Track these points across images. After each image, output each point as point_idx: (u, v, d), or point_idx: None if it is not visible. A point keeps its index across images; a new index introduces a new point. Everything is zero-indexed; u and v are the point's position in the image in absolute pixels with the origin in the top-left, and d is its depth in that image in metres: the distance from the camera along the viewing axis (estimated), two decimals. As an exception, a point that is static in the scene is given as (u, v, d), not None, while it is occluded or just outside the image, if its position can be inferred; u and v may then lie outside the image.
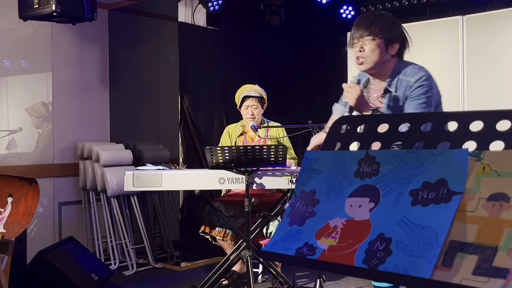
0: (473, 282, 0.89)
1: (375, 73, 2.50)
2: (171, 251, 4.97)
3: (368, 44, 2.41)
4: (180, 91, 4.76)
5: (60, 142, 4.90)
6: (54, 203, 4.84)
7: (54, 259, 3.58)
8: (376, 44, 2.41)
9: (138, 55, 5.58)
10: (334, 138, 1.29)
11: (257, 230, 3.80)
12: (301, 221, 1.18)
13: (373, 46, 2.41)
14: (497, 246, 0.91)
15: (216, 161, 3.49)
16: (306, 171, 1.27)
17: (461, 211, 0.98)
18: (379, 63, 2.44)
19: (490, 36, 4.25)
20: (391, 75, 2.46)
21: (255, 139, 4.14)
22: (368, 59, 2.42)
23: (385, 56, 2.43)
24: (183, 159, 4.74)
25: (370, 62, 2.42)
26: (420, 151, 1.10)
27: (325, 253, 1.08)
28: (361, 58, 2.43)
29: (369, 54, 2.41)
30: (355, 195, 1.14)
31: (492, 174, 0.99)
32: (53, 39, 4.85)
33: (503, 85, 4.20)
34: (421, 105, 2.35)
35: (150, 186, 3.58)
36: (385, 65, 2.46)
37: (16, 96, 4.70)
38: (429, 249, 0.96)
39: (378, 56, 2.42)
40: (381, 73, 2.48)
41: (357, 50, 2.44)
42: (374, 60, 2.42)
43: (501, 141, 1.03)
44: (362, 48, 2.42)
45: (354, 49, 2.47)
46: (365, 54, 2.42)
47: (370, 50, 2.41)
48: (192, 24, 4.89)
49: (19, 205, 2.49)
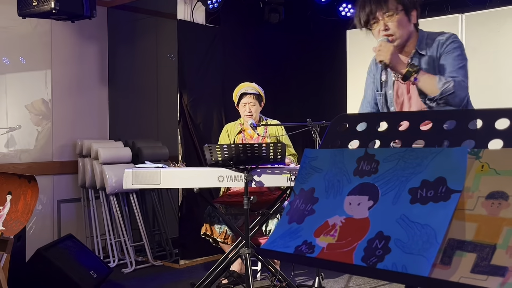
0: (472, 280, 0.89)
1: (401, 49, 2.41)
2: (170, 249, 4.98)
3: (390, 21, 2.33)
4: (179, 89, 4.75)
5: (59, 140, 4.90)
6: (53, 200, 4.84)
7: (53, 257, 3.58)
8: (398, 19, 2.33)
9: (137, 52, 5.58)
10: (334, 136, 1.29)
11: (256, 228, 3.80)
12: (300, 219, 1.18)
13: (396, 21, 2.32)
14: (496, 244, 0.91)
15: (215, 159, 3.49)
16: (306, 169, 1.27)
17: (460, 209, 0.99)
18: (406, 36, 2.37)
19: (489, 35, 4.26)
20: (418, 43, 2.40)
21: (254, 137, 4.14)
22: (397, 35, 2.34)
23: (408, 27, 2.37)
24: (182, 157, 4.74)
25: (400, 37, 2.35)
26: (419, 149, 1.10)
27: (324, 251, 1.08)
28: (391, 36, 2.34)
29: (395, 29, 2.33)
30: (354, 193, 1.14)
31: (491, 173, 0.99)
32: (52, 36, 4.84)
33: (502, 84, 4.20)
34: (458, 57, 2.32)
35: (149, 184, 3.58)
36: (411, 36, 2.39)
37: (15, 93, 4.69)
38: (428, 247, 0.96)
39: (405, 29, 2.35)
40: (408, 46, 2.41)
41: (380, 29, 2.35)
42: (402, 34, 2.34)
43: (500, 139, 1.03)
44: (386, 26, 2.33)
45: (374, 30, 2.38)
46: (392, 31, 2.33)
47: (395, 26, 2.33)
48: (191, 21, 4.88)
49: (18, 202, 2.49)
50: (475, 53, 4.33)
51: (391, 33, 2.33)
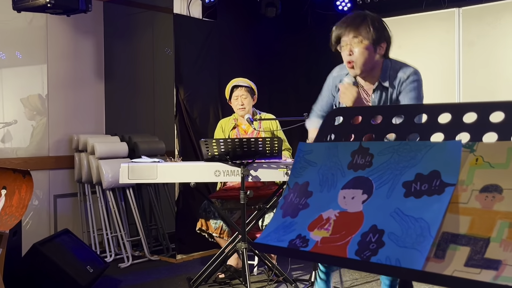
0: (465, 273, 0.89)
1: (366, 76, 2.49)
2: (166, 244, 4.98)
3: (356, 47, 2.39)
4: (175, 83, 4.74)
5: (55, 135, 4.88)
6: (49, 195, 4.83)
7: (49, 252, 3.57)
8: (364, 47, 2.39)
9: (133, 47, 5.56)
10: (328, 130, 1.28)
11: (252, 222, 3.80)
12: (294, 213, 1.18)
13: (362, 48, 2.39)
14: (490, 237, 0.91)
15: (211, 153, 3.48)
16: (300, 163, 1.26)
17: (454, 202, 0.98)
18: (370, 65, 2.43)
19: (486, 29, 4.25)
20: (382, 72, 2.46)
21: (249, 132, 4.13)
22: (358, 62, 2.40)
23: (374, 57, 2.42)
24: (179, 151, 4.73)
25: (361, 65, 2.41)
26: (414, 142, 1.09)
27: (318, 244, 1.08)
28: (351, 63, 2.41)
29: (359, 56, 2.39)
30: (348, 187, 1.13)
31: (485, 166, 0.98)
32: (47, 31, 4.82)
33: (499, 77, 4.20)
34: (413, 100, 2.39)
35: (146, 179, 3.58)
36: (375, 65, 2.45)
37: (11, 88, 4.67)
38: (422, 240, 0.96)
39: (368, 58, 2.40)
40: (371, 74, 2.48)
41: (346, 54, 2.42)
42: (364, 62, 2.40)
43: (494, 132, 1.03)
44: (351, 51, 2.40)
45: (343, 52, 2.45)
46: (355, 57, 2.40)
47: (359, 53, 2.39)
48: (187, 15, 4.87)
49: (13, 197, 2.48)
50: (472, 47, 4.33)
51: (354, 59, 2.40)
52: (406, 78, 2.41)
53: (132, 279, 4.23)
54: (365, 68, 2.42)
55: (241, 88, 4.08)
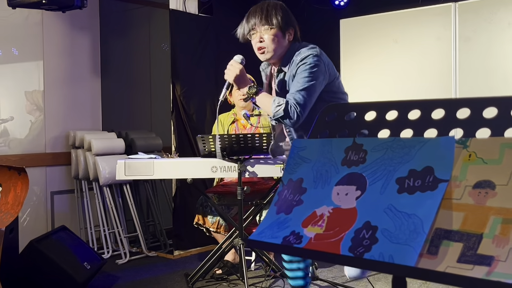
0: (458, 269, 0.89)
1: (276, 62, 2.63)
2: (164, 240, 4.98)
3: (266, 34, 2.55)
4: (172, 79, 4.73)
5: (52, 131, 4.88)
6: (46, 192, 4.82)
7: (46, 248, 3.57)
8: (274, 33, 2.54)
9: (129, 43, 5.54)
10: (322, 126, 1.28)
11: (250, 218, 3.81)
12: (288, 210, 1.18)
13: (271, 35, 2.54)
14: (482, 233, 0.91)
15: (208, 149, 3.48)
16: (294, 160, 1.26)
17: (447, 198, 0.98)
18: (278, 51, 2.57)
19: (483, 24, 4.25)
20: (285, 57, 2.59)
21: (247, 127, 4.13)
22: (269, 48, 2.55)
23: (283, 42, 2.57)
24: (176, 147, 4.73)
25: (272, 51, 2.56)
26: (407, 139, 1.09)
27: (311, 241, 1.08)
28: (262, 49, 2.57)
29: (269, 43, 2.55)
30: (342, 183, 1.13)
31: (478, 162, 0.98)
32: (43, 27, 4.80)
33: (495, 73, 4.20)
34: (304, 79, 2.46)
35: (142, 175, 3.57)
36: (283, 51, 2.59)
37: (8, 85, 4.66)
38: (415, 237, 0.96)
39: (278, 43, 2.55)
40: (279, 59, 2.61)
41: (257, 41, 2.58)
42: (274, 48, 2.55)
43: (487, 128, 1.03)
44: (261, 38, 2.56)
45: (253, 40, 2.61)
46: (266, 44, 2.55)
47: (269, 39, 2.54)
48: (183, 11, 4.85)
49: (9, 194, 2.47)
50: (468, 42, 4.32)
51: (264, 46, 2.58)
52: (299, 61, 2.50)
53: (130, 275, 4.23)
54: (274, 54, 2.57)
55: None
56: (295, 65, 2.50)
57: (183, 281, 3.97)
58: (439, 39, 4.44)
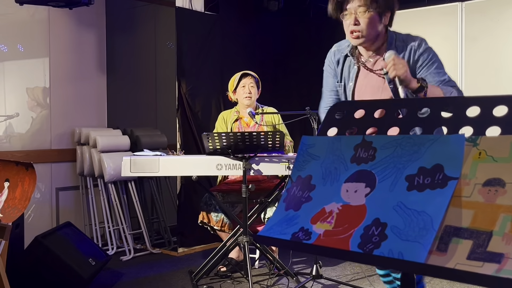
0: (468, 266, 0.89)
1: (368, 46, 2.43)
2: (168, 237, 4.99)
3: (362, 17, 2.32)
4: (177, 77, 4.74)
5: (57, 128, 4.89)
6: (51, 188, 4.84)
7: (52, 244, 3.58)
8: (370, 16, 2.31)
9: (135, 40, 5.55)
10: (331, 123, 1.28)
11: (254, 216, 3.81)
12: (297, 206, 1.18)
13: (368, 18, 2.31)
14: (492, 231, 0.91)
15: (213, 147, 3.49)
16: (303, 156, 1.27)
17: (456, 196, 0.98)
18: (375, 35, 2.37)
19: (489, 23, 4.24)
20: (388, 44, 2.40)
21: (251, 125, 4.14)
22: (364, 32, 2.33)
23: (378, 27, 2.36)
24: (181, 145, 4.73)
25: (367, 35, 2.34)
26: (417, 136, 1.09)
27: (320, 237, 1.08)
28: (357, 32, 2.33)
29: (364, 27, 2.32)
30: (351, 180, 1.13)
31: (488, 160, 0.98)
32: (49, 24, 4.81)
33: (502, 73, 4.19)
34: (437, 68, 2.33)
35: (148, 172, 3.58)
36: (379, 36, 2.39)
37: (14, 81, 4.67)
38: (424, 234, 0.96)
39: (374, 28, 2.34)
40: (374, 44, 2.42)
41: (350, 23, 2.34)
42: (370, 33, 2.34)
43: (497, 126, 1.03)
44: (356, 21, 2.33)
45: (345, 21, 2.38)
46: (361, 27, 2.32)
47: (365, 23, 2.32)
48: (189, 9, 4.86)
49: (16, 189, 2.48)
50: (475, 42, 4.31)
51: (359, 29, 2.32)
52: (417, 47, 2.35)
53: (134, 272, 4.24)
54: (369, 38, 2.36)
55: (250, 76, 4.10)
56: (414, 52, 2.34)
57: (187, 278, 3.98)
58: (445, 38, 4.44)
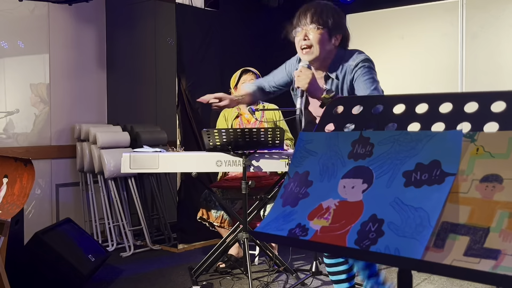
0: (464, 263, 0.89)
1: (318, 65, 2.51)
2: (168, 233, 4.99)
3: (312, 33, 2.43)
4: (177, 73, 4.73)
5: (57, 124, 4.89)
6: (51, 184, 4.84)
7: (51, 240, 3.58)
8: (320, 34, 2.42)
9: (135, 36, 5.54)
10: (329, 119, 1.28)
11: (254, 212, 3.81)
12: (294, 202, 1.18)
13: (317, 35, 2.42)
14: (489, 227, 0.91)
15: (213, 143, 3.48)
16: (300, 152, 1.26)
17: (454, 192, 0.98)
18: (323, 53, 2.45)
19: (490, 19, 4.22)
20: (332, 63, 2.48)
21: (251, 121, 4.13)
22: (313, 48, 2.44)
23: (328, 46, 2.45)
24: (181, 141, 4.73)
25: (316, 51, 2.44)
26: (414, 132, 1.09)
27: (317, 233, 1.08)
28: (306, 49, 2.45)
29: (313, 43, 2.43)
30: (348, 176, 1.13)
31: (486, 156, 0.98)
32: (49, 20, 4.81)
33: (502, 69, 4.18)
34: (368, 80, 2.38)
35: (147, 168, 3.58)
36: (328, 55, 2.47)
37: (14, 77, 4.67)
38: (421, 230, 0.96)
39: (322, 45, 2.44)
40: (323, 64, 2.50)
41: (301, 38, 2.46)
42: (318, 49, 2.44)
43: (495, 122, 1.02)
44: (306, 36, 2.44)
45: (297, 37, 2.49)
46: (310, 42, 2.44)
47: (314, 39, 2.43)
48: (189, 5, 4.85)
49: (15, 186, 2.48)
50: (476, 38, 4.30)
51: (309, 44, 2.44)
52: (354, 66, 2.42)
53: (134, 268, 4.24)
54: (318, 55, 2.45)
55: (251, 73, 4.10)
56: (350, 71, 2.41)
57: (187, 275, 3.98)
58: (446, 35, 4.42)
